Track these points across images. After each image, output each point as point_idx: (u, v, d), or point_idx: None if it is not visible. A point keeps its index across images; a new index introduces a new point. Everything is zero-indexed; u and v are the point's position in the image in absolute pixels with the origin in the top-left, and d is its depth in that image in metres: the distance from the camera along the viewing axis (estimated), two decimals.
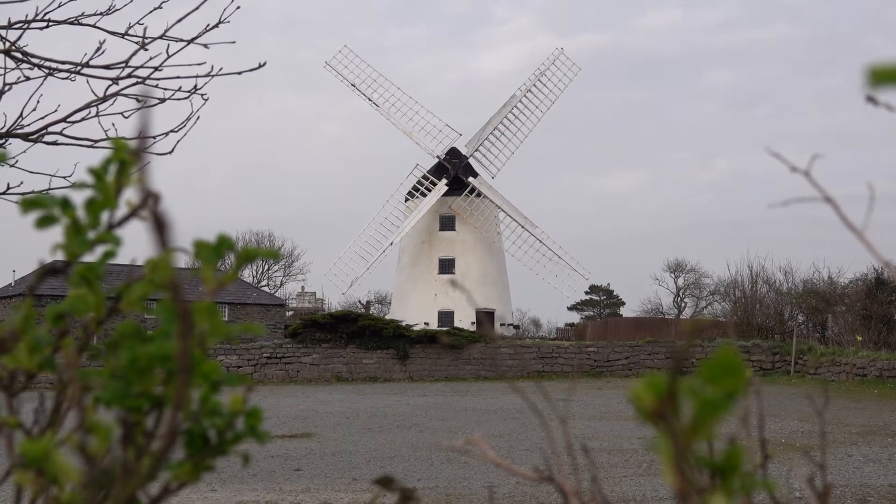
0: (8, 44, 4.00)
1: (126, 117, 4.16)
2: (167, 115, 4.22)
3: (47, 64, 4.05)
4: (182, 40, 4.05)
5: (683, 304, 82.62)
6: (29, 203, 0.84)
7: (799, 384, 30.52)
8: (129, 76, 4.03)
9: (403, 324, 37.68)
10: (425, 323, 46.69)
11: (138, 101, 3.90)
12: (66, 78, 4.08)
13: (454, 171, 51.02)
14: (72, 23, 4.10)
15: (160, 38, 4.02)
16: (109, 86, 4.03)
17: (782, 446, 15.23)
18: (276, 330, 54.32)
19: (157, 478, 0.81)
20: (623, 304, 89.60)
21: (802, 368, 33.64)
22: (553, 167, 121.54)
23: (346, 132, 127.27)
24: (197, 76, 4.13)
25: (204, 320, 0.81)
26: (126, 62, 4.02)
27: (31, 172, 4.15)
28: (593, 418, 20.45)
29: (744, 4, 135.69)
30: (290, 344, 36.52)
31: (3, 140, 4.07)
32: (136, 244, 0.91)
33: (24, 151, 4.07)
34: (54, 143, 4.06)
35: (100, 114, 4.06)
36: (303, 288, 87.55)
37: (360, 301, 75.41)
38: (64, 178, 4.25)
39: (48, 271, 0.92)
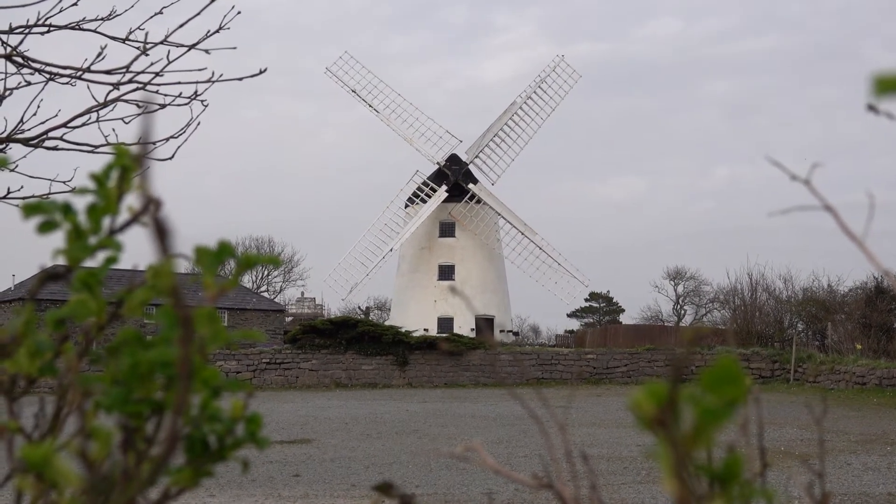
0: (9, 48, 4.00)
1: (127, 123, 4.17)
2: (168, 120, 4.23)
3: (48, 69, 4.06)
4: (183, 46, 4.05)
5: (683, 312, 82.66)
6: (31, 208, 0.84)
7: (798, 392, 30.48)
8: (129, 81, 4.03)
9: (403, 330, 37.64)
10: (425, 329, 46.56)
11: (139, 106, 3.90)
12: (67, 83, 4.09)
13: (454, 178, 50.98)
14: (73, 28, 4.10)
15: (161, 43, 4.02)
16: (110, 91, 4.03)
17: (781, 454, 15.21)
18: (275, 335, 54.32)
19: (156, 483, 0.81)
20: (623, 311, 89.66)
21: (802, 377, 33.60)
22: (553, 174, 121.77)
23: (346, 138, 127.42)
24: (197, 82, 4.13)
25: (204, 326, 0.81)
26: (127, 67, 4.03)
27: (31, 177, 4.15)
28: (592, 425, 20.42)
29: (743, 14, 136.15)
30: (290, 350, 36.49)
31: (4, 145, 4.07)
32: (137, 249, 0.91)
33: (25, 156, 4.07)
34: (55, 149, 4.07)
35: (100, 119, 4.06)
36: (302, 293, 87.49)
37: (359, 307, 75.48)
38: (64, 182, 4.25)
39: (49, 276, 0.92)
